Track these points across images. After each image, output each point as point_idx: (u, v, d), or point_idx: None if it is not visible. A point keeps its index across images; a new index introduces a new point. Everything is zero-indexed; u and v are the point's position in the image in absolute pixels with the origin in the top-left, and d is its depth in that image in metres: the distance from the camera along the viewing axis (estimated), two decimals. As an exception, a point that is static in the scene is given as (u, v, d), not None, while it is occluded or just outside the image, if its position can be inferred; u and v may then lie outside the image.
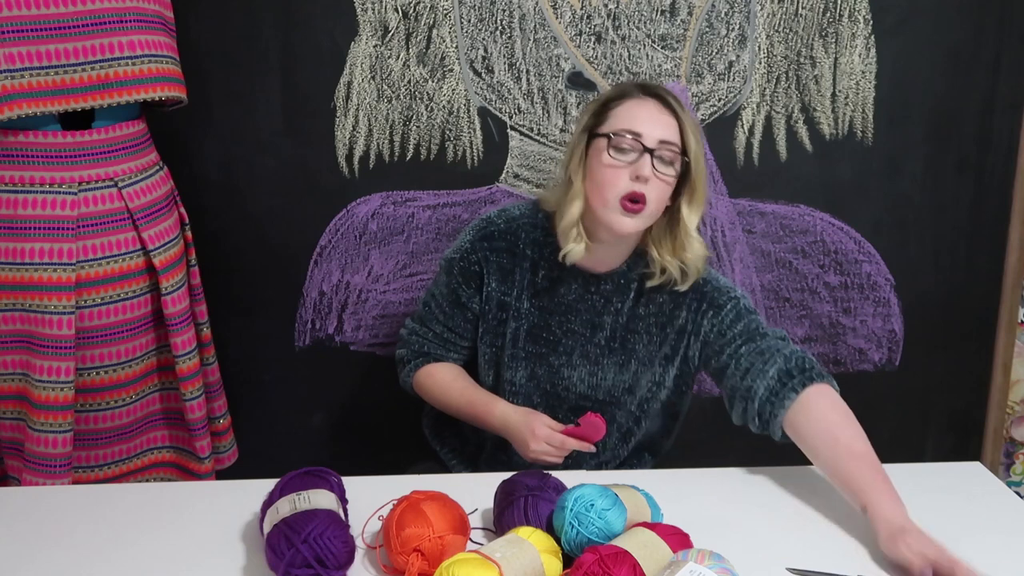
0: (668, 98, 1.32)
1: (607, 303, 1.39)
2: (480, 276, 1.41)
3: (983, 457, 1.98)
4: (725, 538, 1.08)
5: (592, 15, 1.72)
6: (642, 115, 1.30)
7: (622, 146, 1.29)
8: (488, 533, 1.16)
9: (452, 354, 1.47)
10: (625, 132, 1.29)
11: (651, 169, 1.28)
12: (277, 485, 1.12)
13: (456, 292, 1.43)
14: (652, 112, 1.31)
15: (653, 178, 1.28)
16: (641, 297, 1.39)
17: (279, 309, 1.85)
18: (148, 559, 1.11)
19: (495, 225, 1.42)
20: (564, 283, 1.40)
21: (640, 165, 1.28)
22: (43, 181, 1.45)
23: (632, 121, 1.30)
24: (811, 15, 1.74)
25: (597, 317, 1.40)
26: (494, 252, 1.40)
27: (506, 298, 1.41)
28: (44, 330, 1.47)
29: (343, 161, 1.78)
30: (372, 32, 1.72)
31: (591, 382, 1.42)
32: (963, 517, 1.20)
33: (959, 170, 1.82)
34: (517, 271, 1.40)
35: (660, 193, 1.30)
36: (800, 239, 1.84)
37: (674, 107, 1.32)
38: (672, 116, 1.31)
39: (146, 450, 1.67)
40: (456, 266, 1.42)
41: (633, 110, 1.31)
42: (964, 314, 1.90)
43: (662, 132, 1.29)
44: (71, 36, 1.40)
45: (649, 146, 1.28)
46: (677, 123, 1.31)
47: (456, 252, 1.43)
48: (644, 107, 1.31)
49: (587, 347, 1.41)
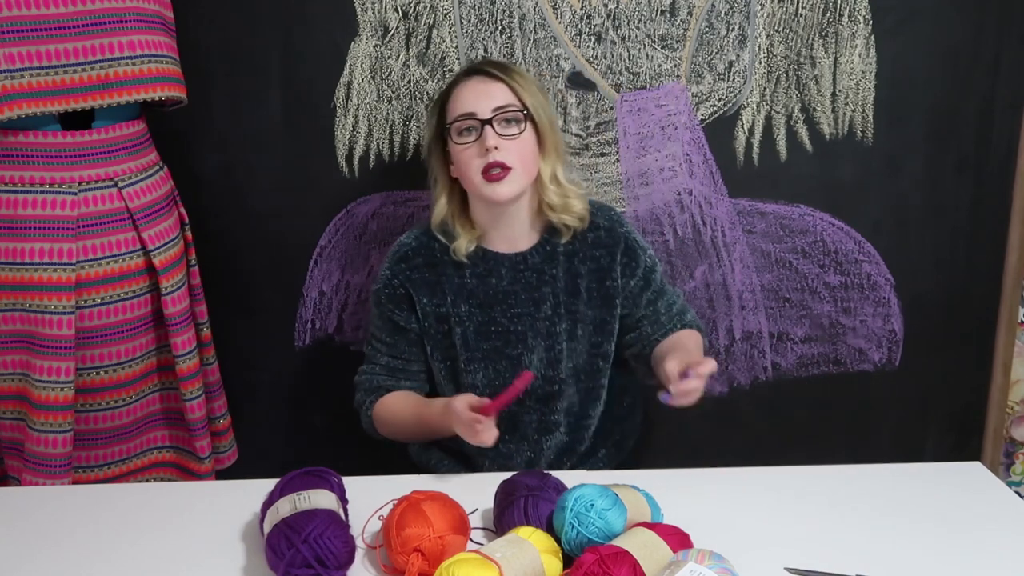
0: (491, 68, 1.39)
1: (540, 275, 1.43)
2: (408, 297, 1.44)
3: (983, 457, 1.98)
4: (725, 538, 1.08)
5: (592, 15, 1.72)
6: (469, 95, 1.37)
7: (462, 128, 1.36)
8: (488, 533, 1.16)
9: (404, 382, 1.48)
10: (460, 116, 1.36)
11: (495, 136, 1.34)
12: (277, 485, 1.12)
13: (391, 319, 1.46)
14: (478, 87, 1.37)
15: (503, 142, 1.34)
16: (574, 258, 1.43)
17: (279, 309, 1.85)
18: (148, 559, 1.11)
19: (407, 246, 1.46)
20: (493, 274, 1.44)
21: (484, 137, 1.34)
22: (43, 181, 1.45)
23: (462, 104, 1.37)
24: (811, 15, 1.74)
25: (536, 292, 1.43)
26: (413, 270, 1.44)
27: (441, 309, 1.44)
28: (44, 330, 1.47)
29: (343, 161, 1.78)
30: (372, 32, 1.72)
31: (549, 358, 1.44)
32: (963, 517, 1.20)
33: (959, 170, 1.82)
34: (444, 280, 1.44)
35: (519, 151, 1.36)
36: (800, 239, 1.84)
37: (498, 74, 1.38)
38: (499, 81, 1.37)
39: (146, 450, 1.67)
40: (383, 295, 1.45)
41: (462, 94, 1.38)
42: (964, 314, 1.90)
43: (494, 100, 1.36)
44: (71, 36, 1.40)
45: (484, 117, 1.35)
46: (507, 86, 1.37)
47: (379, 283, 1.46)
48: (469, 86, 1.38)
49: (536, 325, 1.44)
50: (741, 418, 1.91)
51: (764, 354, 1.90)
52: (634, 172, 1.80)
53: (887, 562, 1.09)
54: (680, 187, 1.81)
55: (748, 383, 1.91)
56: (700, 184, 1.81)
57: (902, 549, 1.12)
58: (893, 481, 1.29)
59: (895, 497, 1.25)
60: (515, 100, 1.37)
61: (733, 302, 1.86)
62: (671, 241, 1.83)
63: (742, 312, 1.87)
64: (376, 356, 1.49)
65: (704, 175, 1.80)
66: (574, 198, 1.42)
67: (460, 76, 1.41)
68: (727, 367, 1.90)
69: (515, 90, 1.37)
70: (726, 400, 1.91)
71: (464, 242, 1.41)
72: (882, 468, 1.33)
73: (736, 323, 1.87)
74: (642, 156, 1.79)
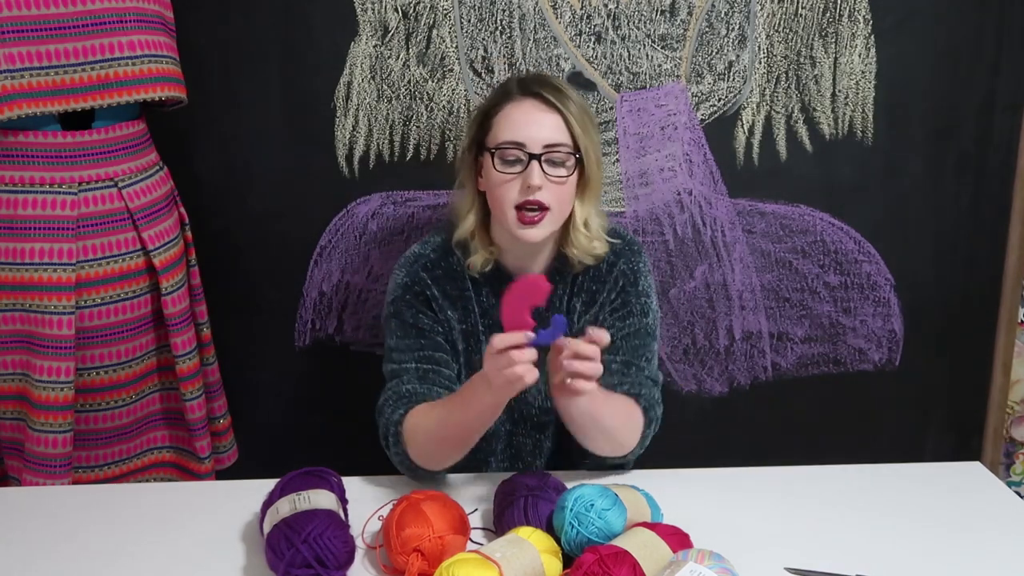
0: (547, 93, 1.27)
1: (550, 302, 1.33)
2: (429, 303, 1.34)
3: (983, 457, 1.98)
4: (725, 538, 1.09)
5: (592, 15, 1.72)
6: (522, 119, 1.26)
7: (507, 158, 1.25)
8: (488, 533, 1.16)
9: (436, 388, 1.29)
10: (507, 143, 1.25)
11: (541, 175, 1.23)
12: (277, 485, 1.12)
13: (415, 323, 1.32)
14: (532, 114, 1.26)
15: (547, 183, 1.24)
16: (579, 286, 1.37)
17: (279, 309, 1.85)
18: (148, 559, 1.11)
19: (425, 257, 1.36)
20: (502, 293, 1.33)
21: (529, 174, 1.23)
22: (43, 181, 1.45)
23: (513, 129, 1.25)
24: (811, 15, 1.74)
25: (541, 319, 1.35)
26: (435, 282, 1.34)
27: (464, 326, 1.36)
28: (44, 330, 1.46)
29: (343, 161, 1.78)
30: (372, 32, 1.72)
31: (548, 389, 1.31)
32: (963, 517, 1.20)
33: (959, 170, 1.82)
34: (468, 294, 1.35)
35: (559, 195, 1.26)
36: (800, 239, 1.84)
37: (554, 102, 1.26)
38: (555, 112, 1.26)
39: (146, 450, 1.67)
40: (404, 300, 1.33)
41: (512, 116, 1.27)
42: (964, 314, 1.90)
43: (547, 134, 1.25)
44: (71, 36, 1.40)
45: (534, 152, 1.24)
46: (562, 118, 1.26)
47: (397, 290, 1.34)
48: (522, 109, 1.27)
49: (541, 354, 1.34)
50: (741, 418, 1.91)
51: (764, 354, 1.90)
52: (634, 172, 1.80)
53: (887, 562, 1.09)
54: (680, 187, 1.81)
55: (748, 383, 1.91)
56: (700, 184, 1.81)
57: (902, 549, 1.12)
58: (893, 481, 1.29)
59: (895, 497, 1.25)
60: (568, 138, 1.26)
61: (733, 302, 1.86)
62: (671, 241, 1.83)
63: (742, 312, 1.87)
64: (401, 369, 1.31)
65: (704, 175, 1.80)
66: (599, 242, 1.33)
67: (513, 92, 1.29)
68: (727, 367, 1.90)
69: (570, 125, 1.26)
70: (726, 400, 1.91)
71: (480, 259, 1.32)
72: (882, 468, 1.33)
73: (736, 323, 1.87)
74: (642, 156, 1.79)
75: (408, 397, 1.27)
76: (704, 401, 1.91)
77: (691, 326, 1.87)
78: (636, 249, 1.38)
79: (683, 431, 1.84)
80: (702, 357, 1.90)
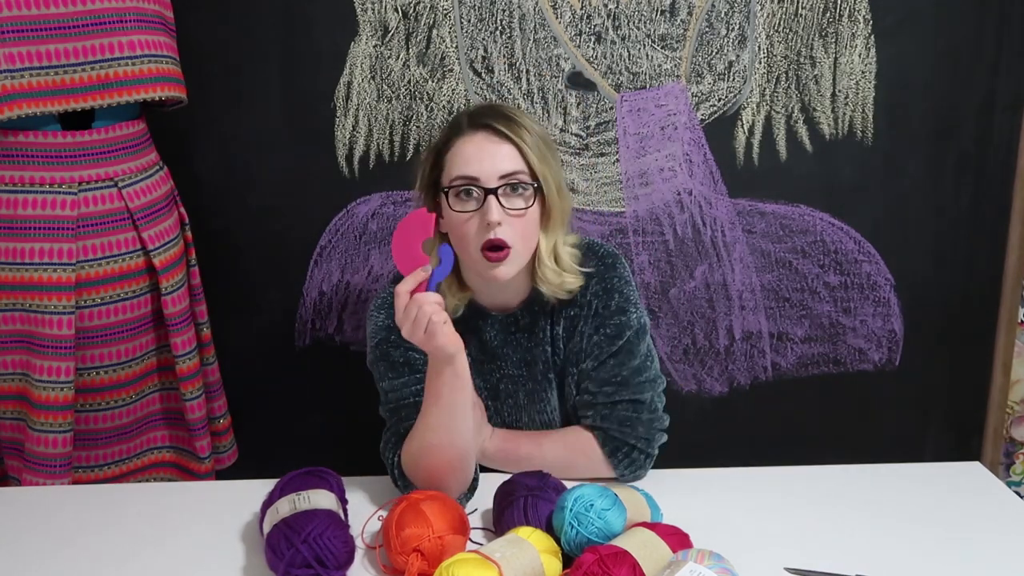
0: (498, 124, 1.21)
1: (531, 335, 1.32)
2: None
3: (983, 457, 1.98)
4: (725, 538, 1.09)
5: (592, 15, 1.72)
6: (474, 154, 1.20)
7: (461, 192, 1.20)
8: (488, 533, 1.16)
9: None
10: (460, 179, 1.20)
11: (499, 211, 1.18)
12: (277, 485, 1.12)
13: (407, 360, 1.28)
14: (484, 147, 1.21)
15: (507, 217, 1.19)
16: (554, 316, 1.32)
17: (279, 309, 1.85)
18: (148, 559, 1.11)
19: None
20: (483, 330, 1.33)
21: (487, 210, 1.18)
22: (43, 181, 1.45)
23: (465, 164, 1.20)
24: (811, 15, 1.74)
25: (528, 354, 1.33)
26: None
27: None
28: (44, 330, 1.47)
29: (343, 161, 1.78)
30: (372, 32, 1.72)
31: (541, 420, 1.36)
32: (963, 517, 1.20)
33: (959, 170, 1.82)
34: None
35: (521, 230, 1.21)
36: (800, 239, 1.84)
37: (507, 132, 1.21)
38: (508, 142, 1.20)
39: (146, 450, 1.67)
40: (387, 343, 1.28)
41: (464, 151, 1.21)
42: (964, 314, 1.90)
43: (501, 165, 1.19)
44: (71, 36, 1.40)
45: (489, 186, 1.19)
46: (517, 149, 1.21)
47: (380, 333, 1.29)
48: (474, 143, 1.21)
49: (528, 384, 1.34)
50: (741, 418, 1.91)
51: (764, 354, 1.90)
52: (634, 172, 1.80)
53: (887, 562, 1.09)
54: (680, 187, 1.81)
55: (748, 383, 1.91)
56: (700, 184, 1.81)
57: (902, 549, 1.12)
58: (893, 481, 1.29)
59: (895, 497, 1.25)
60: (524, 166, 1.20)
61: (733, 302, 1.86)
62: (671, 241, 1.83)
63: (742, 312, 1.87)
64: (400, 407, 1.27)
65: (704, 175, 1.80)
66: (570, 276, 1.27)
67: (463, 126, 1.24)
68: (727, 367, 1.90)
69: (525, 154, 1.20)
70: (726, 400, 1.91)
71: (453, 303, 1.28)
72: (882, 468, 1.33)
73: (736, 323, 1.87)
74: (642, 156, 1.79)
75: (408, 434, 1.24)
76: (704, 401, 1.91)
77: (691, 326, 1.87)
78: (610, 263, 1.32)
79: (683, 431, 1.84)
80: (702, 357, 1.90)
